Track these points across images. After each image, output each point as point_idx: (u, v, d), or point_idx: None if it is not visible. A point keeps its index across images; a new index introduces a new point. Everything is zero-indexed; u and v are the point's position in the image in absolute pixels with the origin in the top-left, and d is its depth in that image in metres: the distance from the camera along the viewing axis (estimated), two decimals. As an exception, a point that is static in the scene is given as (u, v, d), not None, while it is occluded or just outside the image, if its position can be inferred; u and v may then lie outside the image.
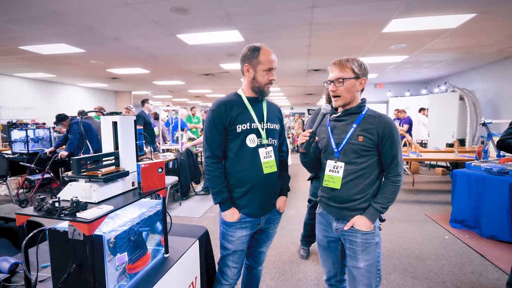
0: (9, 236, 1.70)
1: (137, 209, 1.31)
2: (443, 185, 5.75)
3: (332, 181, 1.39)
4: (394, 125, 1.35)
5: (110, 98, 12.41)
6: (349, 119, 1.39)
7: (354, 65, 1.33)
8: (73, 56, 5.71)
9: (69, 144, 4.54)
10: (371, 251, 1.35)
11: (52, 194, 4.91)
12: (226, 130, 1.48)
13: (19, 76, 8.33)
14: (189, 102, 18.86)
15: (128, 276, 1.15)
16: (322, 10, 3.48)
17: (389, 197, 1.33)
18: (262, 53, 1.45)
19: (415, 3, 3.28)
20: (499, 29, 4.25)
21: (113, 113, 1.29)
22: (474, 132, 7.14)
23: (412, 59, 6.25)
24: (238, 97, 1.53)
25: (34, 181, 4.72)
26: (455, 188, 3.58)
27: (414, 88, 9.83)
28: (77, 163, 1.11)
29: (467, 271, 2.55)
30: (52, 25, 3.92)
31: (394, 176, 1.34)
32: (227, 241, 1.53)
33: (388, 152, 1.33)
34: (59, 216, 0.95)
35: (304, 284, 2.39)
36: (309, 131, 1.38)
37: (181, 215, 4.13)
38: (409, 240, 3.20)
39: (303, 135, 1.40)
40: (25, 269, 0.99)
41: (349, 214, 1.38)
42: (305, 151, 1.44)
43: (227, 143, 1.50)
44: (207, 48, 5.17)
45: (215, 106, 1.49)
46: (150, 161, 1.30)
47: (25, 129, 5.24)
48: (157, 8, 3.37)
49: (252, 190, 1.49)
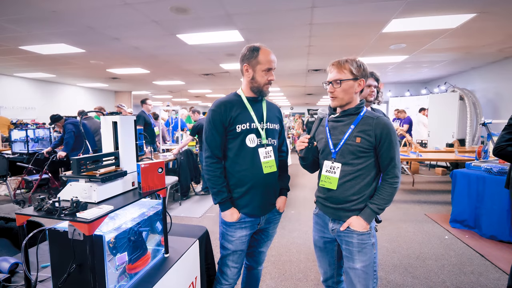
0: (9, 236, 1.70)
1: (137, 209, 1.31)
2: (443, 185, 5.76)
3: (328, 181, 1.40)
4: (392, 126, 1.34)
5: (110, 98, 12.41)
6: (347, 120, 1.39)
7: (352, 66, 1.33)
8: (73, 56, 5.71)
9: (65, 144, 4.54)
10: (367, 252, 1.35)
11: (50, 195, 4.90)
12: (226, 130, 1.48)
13: (19, 76, 8.33)
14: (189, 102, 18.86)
15: (128, 276, 1.15)
16: (322, 10, 3.48)
17: (385, 198, 1.33)
18: (261, 53, 1.45)
19: (415, 3, 3.28)
20: (499, 29, 4.25)
21: (113, 113, 1.29)
22: (474, 132, 7.14)
23: (412, 59, 6.25)
24: (238, 97, 1.53)
25: (32, 181, 4.70)
26: (455, 188, 3.58)
27: (414, 88, 9.83)
28: (77, 163, 1.11)
29: (467, 271, 2.55)
30: (52, 25, 3.92)
31: (391, 177, 1.34)
32: (227, 241, 1.53)
33: (385, 154, 1.32)
34: (59, 216, 0.95)
35: (304, 284, 2.39)
36: (307, 137, 1.39)
37: (181, 215, 4.13)
38: (409, 240, 3.20)
39: (301, 141, 1.41)
40: (25, 269, 0.99)
41: (345, 215, 1.38)
42: (304, 156, 1.45)
43: (227, 143, 1.50)
44: (207, 48, 5.17)
45: (214, 106, 1.49)
46: (150, 161, 1.30)
47: (25, 129, 5.24)
48: (157, 8, 3.37)
49: (252, 190, 1.49)
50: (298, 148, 1.44)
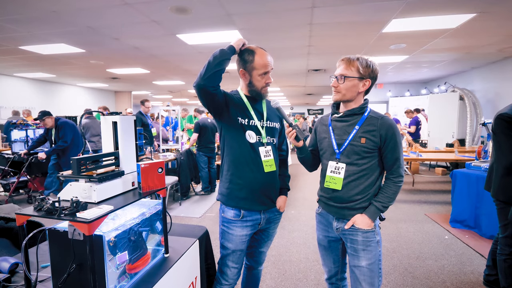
0: (9, 236, 1.70)
1: (137, 209, 1.31)
2: (443, 185, 5.75)
3: (333, 182, 1.40)
4: (396, 127, 1.35)
5: (110, 98, 12.42)
6: (351, 120, 1.38)
7: (361, 65, 1.32)
8: (73, 56, 5.71)
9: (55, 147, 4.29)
10: (372, 249, 1.35)
11: (29, 198, 4.69)
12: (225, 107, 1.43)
13: (19, 76, 8.33)
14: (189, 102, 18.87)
15: (128, 276, 1.15)
16: (322, 10, 3.48)
17: (390, 196, 1.34)
18: (257, 57, 1.42)
19: (415, 3, 3.28)
20: (499, 29, 4.25)
21: (113, 113, 1.29)
22: (474, 132, 7.14)
23: (412, 59, 6.25)
24: (238, 94, 1.53)
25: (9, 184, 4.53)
26: (455, 188, 3.57)
27: (414, 88, 9.83)
28: (77, 163, 1.11)
29: (467, 271, 2.55)
30: (52, 25, 3.92)
31: (395, 177, 1.35)
32: (227, 240, 1.53)
33: (390, 155, 1.33)
34: (59, 216, 0.95)
35: (304, 284, 2.39)
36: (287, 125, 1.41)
37: (181, 215, 4.13)
38: (409, 240, 3.20)
39: (287, 131, 1.42)
40: (25, 269, 0.99)
41: (349, 213, 1.38)
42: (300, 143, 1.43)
43: (229, 136, 1.49)
44: (207, 48, 5.17)
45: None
46: (150, 161, 1.30)
47: (25, 129, 5.23)
48: (157, 8, 3.37)
49: (252, 187, 1.48)
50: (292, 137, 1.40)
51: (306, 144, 1.50)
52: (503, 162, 1.95)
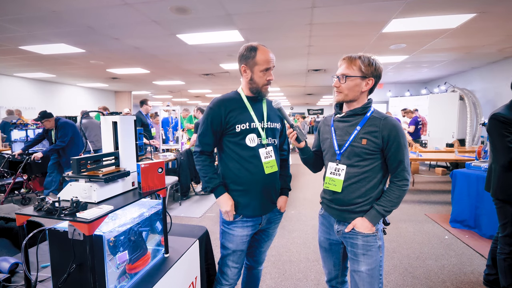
0: (9, 236, 1.70)
1: (137, 209, 1.31)
2: (443, 185, 5.75)
3: (333, 183, 1.36)
4: (400, 127, 1.29)
5: (110, 98, 12.42)
6: (353, 120, 1.34)
7: (363, 63, 1.28)
8: (73, 56, 5.71)
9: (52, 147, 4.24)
10: (372, 254, 1.31)
11: (23, 199, 4.64)
12: (224, 129, 1.47)
13: (19, 76, 8.33)
14: (189, 102, 18.87)
15: (128, 276, 1.15)
16: (322, 10, 3.48)
17: (393, 201, 1.28)
18: (259, 53, 1.42)
19: (415, 3, 3.28)
20: (499, 29, 4.25)
21: (113, 113, 1.29)
22: (474, 132, 7.14)
23: (412, 59, 6.25)
24: (238, 95, 1.52)
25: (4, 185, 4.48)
26: (455, 188, 3.57)
27: (414, 88, 9.84)
28: (77, 163, 1.11)
29: (467, 271, 2.55)
30: (52, 25, 3.92)
31: (400, 180, 1.28)
32: (227, 240, 1.53)
33: (393, 157, 1.27)
34: (59, 216, 0.95)
35: (304, 284, 2.39)
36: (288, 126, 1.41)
37: (181, 215, 4.13)
38: (409, 240, 3.20)
39: (288, 132, 1.42)
40: (25, 269, 0.99)
41: (350, 217, 1.34)
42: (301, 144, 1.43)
43: (227, 142, 1.49)
44: (207, 48, 5.18)
45: (213, 104, 1.48)
46: (150, 161, 1.30)
47: (25, 129, 5.23)
48: (157, 8, 3.37)
49: (253, 190, 1.48)
50: (292, 138, 1.41)
51: (308, 145, 1.48)
52: (500, 161, 1.96)
